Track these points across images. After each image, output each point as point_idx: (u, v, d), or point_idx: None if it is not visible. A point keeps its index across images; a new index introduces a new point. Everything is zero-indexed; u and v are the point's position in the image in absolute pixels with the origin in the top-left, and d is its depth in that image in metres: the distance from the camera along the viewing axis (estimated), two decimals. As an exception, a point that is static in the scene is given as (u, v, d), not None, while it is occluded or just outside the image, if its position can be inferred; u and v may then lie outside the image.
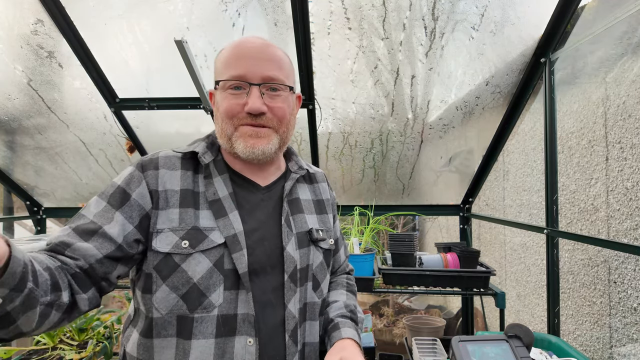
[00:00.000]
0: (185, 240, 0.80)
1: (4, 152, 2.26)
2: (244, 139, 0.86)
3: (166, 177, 0.84)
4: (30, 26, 1.64)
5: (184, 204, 0.83)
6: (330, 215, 1.05)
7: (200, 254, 0.80)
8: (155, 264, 0.80)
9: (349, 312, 0.99)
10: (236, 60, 0.86)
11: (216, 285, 0.80)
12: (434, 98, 1.88)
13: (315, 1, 1.53)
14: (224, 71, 0.87)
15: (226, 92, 0.86)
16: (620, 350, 1.61)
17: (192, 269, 0.79)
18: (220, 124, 0.88)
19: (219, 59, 0.90)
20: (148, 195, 0.82)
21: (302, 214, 0.96)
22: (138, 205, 0.81)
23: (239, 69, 0.85)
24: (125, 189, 0.82)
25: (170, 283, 0.79)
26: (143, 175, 0.83)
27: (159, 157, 0.87)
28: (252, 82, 0.85)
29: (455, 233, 2.93)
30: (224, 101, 0.86)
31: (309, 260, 0.93)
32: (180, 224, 0.81)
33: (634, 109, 1.54)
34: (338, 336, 0.90)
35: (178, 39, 1.57)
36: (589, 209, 1.81)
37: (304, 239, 0.93)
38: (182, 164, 0.87)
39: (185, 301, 0.79)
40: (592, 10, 1.59)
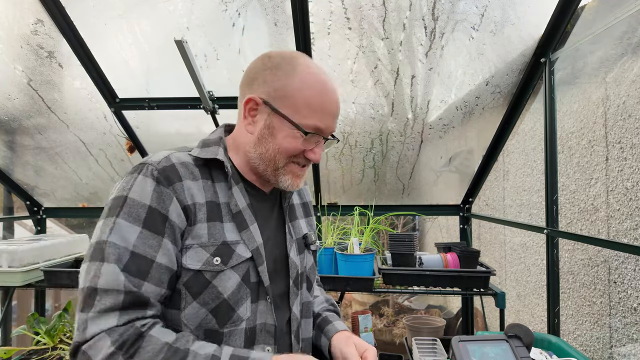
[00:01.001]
0: (217, 257, 0.78)
1: (4, 152, 2.26)
2: (293, 177, 0.87)
3: (192, 190, 0.79)
4: (30, 26, 1.64)
5: (210, 218, 0.80)
6: (313, 217, 1.10)
7: (230, 270, 0.79)
8: (184, 280, 0.77)
9: (331, 306, 1.09)
10: (323, 114, 0.83)
11: (244, 299, 0.81)
12: (434, 98, 1.88)
13: (315, 1, 1.53)
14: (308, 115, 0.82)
15: (297, 133, 0.82)
16: (620, 350, 1.61)
17: (223, 285, 0.78)
18: (271, 152, 0.84)
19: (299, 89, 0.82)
20: (183, 214, 0.77)
21: (297, 220, 1.00)
22: (177, 227, 0.76)
23: (323, 123, 0.84)
24: (159, 209, 0.74)
25: (200, 300, 0.77)
26: (171, 191, 0.76)
27: (175, 164, 0.79)
28: (325, 137, 0.87)
29: (455, 233, 2.93)
30: (291, 139, 0.83)
31: (304, 264, 0.97)
32: (210, 239, 0.79)
33: (634, 109, 1.54)
34: (334, 329, 0.97)
35: (178, 39, 1.57)
36: (589, 209, 1.81)
37: (301, 244, 0.97)
38: (201, 173, 0.83)
39: (214, 316, 0.78)
40: (592, 10, 1.59)
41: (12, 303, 2.41)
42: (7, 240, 2.11)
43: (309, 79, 0.82)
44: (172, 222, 0.75)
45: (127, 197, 0.74)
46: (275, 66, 0.83)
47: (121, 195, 0.75)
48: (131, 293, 0.69)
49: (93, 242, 0.73)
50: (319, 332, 1.00)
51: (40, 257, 1.97)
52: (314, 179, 2.29)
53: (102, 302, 0.68)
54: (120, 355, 0.65)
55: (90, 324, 0.67)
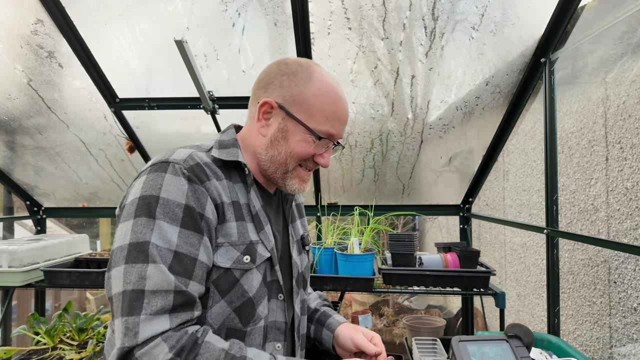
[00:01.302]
0: (247, 256, 0.80)
1: (4, 152, 2.26)
2: (299, 181, 0.89)
3: (220, 189, 0.80)
4: (30, 26, 1.64)
5: (238, 217, 0.82)
6: (305, 218, 1.13)
7: (256, 269, 0.82)
8: (214, 278, 0.77)
9: (325, 301, 1.15)
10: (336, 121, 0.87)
11: (262, 297, 0.83)
12: (434, 98, 1.88)
13: (315, 1, 1.53)
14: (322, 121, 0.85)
15: (309, 137, 0.85)
16: (620, 350, 1.61)
17: (249, 283, 0.80)
18: (283, 155, 0.86)
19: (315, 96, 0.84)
20: (215, 211, 0.78)
21: (295, 222, 1.04)
22: (212, 224, 0.78)
23: (335, 130, 0.87)
24: (195, 207, 0.74)
25: (228, 298, 0.78)
26: (204, 188, 0.77)
27: (200, 163, 0.79)
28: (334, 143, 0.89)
29: (455, 233, 2.93)
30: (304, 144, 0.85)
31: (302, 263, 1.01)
32: (240, 238, 0.81)
33: (634, 109, 1.54)
34: (336, 322, 1.03)
35: (178, 39, 1.57)
36: (589, 209, 1.81)
37: (299, 245, 1.01)
38: (224, 173, 0.84)
39: (238, 314, 0.80)
40: (592, 10, 1.59)
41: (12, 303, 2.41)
42: (7, 240, 2.11)
43: (324, 87, 0.85)
44: (208, 220, 0.76)
45: (159, 197, 0.72)
46: (293, 73, 0.86)
47: (151, 194, 0.72)
48: (181, 293, 0.69)
49: (125, 244, 0.70)
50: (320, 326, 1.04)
51: (40, 257, 1.97)
52: (314, 179, 2.29)
53: (151, 305, 0.67)
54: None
55: (142, 327, 0.65)
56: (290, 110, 0.84)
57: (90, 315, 1.99)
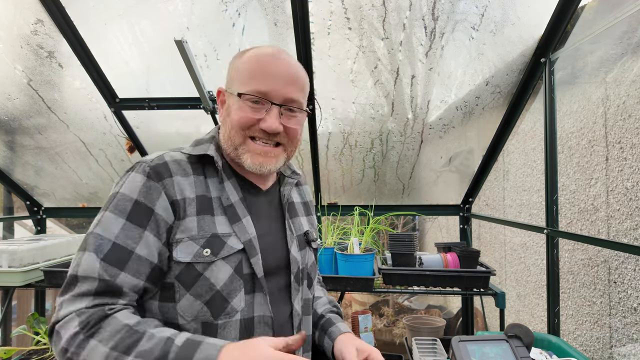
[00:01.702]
0: (206, 249, 0.80)
1: (4, 152, 2.26)
2: (252, 156, 0.86)
3: (182, 185, 0.81)
4: (30, 26, 1.64)
5: (200, 211, 0.82)
6: (314, 216, 1.11)
7: (221, 261, 0.81)
8: (176, 274, 0.79)
9: (334, 308, 1.10)
10: (263, 76, 0.83)
11: (237, 290, 0.82)
12: (434, 98, 1.88)
13: (315, 1, 1.53)
14: (248, 82, 0.84)
15: (244, 103, 0.84)
16: (620, 350, 1.61)
17: (215, 276, 0.79)
18: (228, 131, 0.87)
19: (244, 63, 0.86)
20: (170, 208, 0.79)
21: (298, 217, 1.01)
22: (163, 220, 0.78)
23: (265, 85, 0.83)
24: (145, 203, 0.77)
25: (194, 292, 0.79)
26: (160, 185, 0.79)
27: (167, 161, 0.82)
28: (274, 102, 0.84)
29: (455, 233, 2.93)
30: (239, 111, 0.84)
31: (305, 260, 0.98)
32: (200, 232, 0.80)
33: (634, 109, 1.54)
34: (337, 331, 0.99)
35: (178, 39, 1.57)
36: (589, 209, 1.81)
37: (302, 240, 0.99)
38: (193, 169, 0.85)
39: (209, 307, 0.79)
40: (592, 10, 1.59)
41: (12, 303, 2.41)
42: (7, 240, 2.11)
43: (252, 54, 0.87)
44: (157, 216, 0.78)
45: (118, 192, 0.79)
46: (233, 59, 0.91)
47: (114, 191, 0.80)
48: (104, 281, 0.73)
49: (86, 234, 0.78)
50: (323, 334, 1.01)
51: (40, 257, 1.97)
52: (314, 179, 2.30)
53: (78, 288, 0.73)
54: (82, 334, 0.68)
55: (64, 306, 0.72)
56: (229, 88, 0.88)
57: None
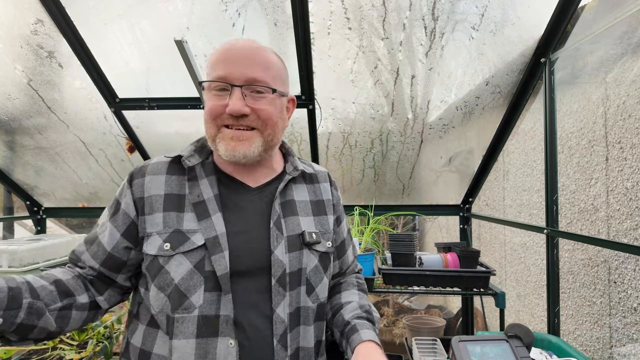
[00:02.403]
0: (167, 243, 0.83)
1: (4, 152, 2.26)
2: (226, 141, 0.85)
3: (151, 184, 0.88)
4: (30, 26, 1.64)
5: (167, 208, 0.86)
6: (330, 216, 1.00)
7: (181, 256, 0.81)
8: (146, 265, 0.85)
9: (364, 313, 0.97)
10: (222, 62, 0.85)
11: (197, 286, 0.81)
12: (434, 98, 1.88)
13: (315, 1, 1.53)
14: (210, 72, 0.87)
15: (211, 93, 0.86)
16: (620, 350, 1.61)
17: (174, 270, 0.81)
18: (205, 125, 0.89)
19: (209, 59, 0.90)
20: (132, 204, 0.88)
21: (295, 216, 0.93)
22: (124, 214, 0.88)
23: (223, 70, 0.84)
24: (118, 199, 0.90)
25: (157, 283, 0.83)
26: (129, 185, 0.89)
27: (149, 164, 0.91)
28: (233, 84, 0.83)
29: (455, 233, 2.93)
30: (208, 102, 0.87)
31: (301, 264, 0.89)
32: (164, 227, 0.84)
33: (634, 109, 1.54)
34: (358, 339, 0.87)
35: (178, 39, 1.57)
36: (589, 209, 1.81)
37: (295, 242, 0.90)
38: (168, 169, 0.90)
39: (171, 301, 0.81)
40: (592, 10, 1.59)
41: (12, 303, 2.41)
42: (7, 240, 2.11)
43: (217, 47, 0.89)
44: (120, 210, 0.88)
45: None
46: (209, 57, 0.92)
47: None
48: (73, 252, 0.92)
49: None
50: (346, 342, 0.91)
51: (40, 257, 1.97)
52: (314, 179, 2.29)
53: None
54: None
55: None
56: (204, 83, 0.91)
57: (90, 315, 1.99)
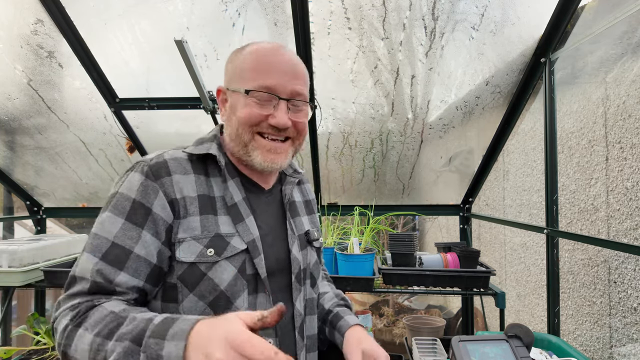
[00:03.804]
0: (210, 249, 0.79)
1: (4, 152, 2.26)
2: (263, 152, 0.85)
3: (182, 183, 0.81)
4: (30, 26, 1.64)
5: (203, 211, 0.81)
6: (316, 215, 1.10)
7: (225, 261, 0.80)
8: (179, 274, 0.78)
9: (341, 300, 1.08)
10: (267, 71, 0.83)
11: (241, 290, 0.81)
12: (434, 98, 1.88)
13: (315, 1, 1.53)
14: (253, 77, 0.83)
15: (250, 100, 0.83)
16: (620, 350, 1.61)
17: (219, 276, 0.79)
18: (235, 128, 0.85)
19: (244, 59, 0.86)
20: (168, 206, 0.78)
21: (299, 217, 1.00)
22: (161, 219, 0.77)
23: (270, 80, 0.83)
24: (142, 202, 0.77)
25: (197, 292, 0.78)
26: (157, 185, 0.78)
27: (166, 160, 0.82)
28: (281, 97, 0.84)
29: (455, 233, 2.93)
30: (245, 108, 0.83)
31: (307, 260, 0.97)
32: (203, 231, 0.80)
33: (634, 109, 1.54)
34: (346, 325, 0.98)
35: (178, 39, 1.57)
36: (589, 209, 1.81)
37: (303, 240, 0.98)
38: (194, 168, 0.84)
39: (213, 309, 0.79)
40: (592, 10, 1.59)
41: (12, 303, 2.41)
42: (7, 240, 2.11)
43: (252, 49, 0.86)
44: (155, 215, 0.77)
45: (117, 192, 0.79)
46: (232, 56, 0.90)
47: (114, 191, 0.80)
48: (96, 283, 0.73)
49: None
50: (332, 329, 1.01)
51: (40, 257, 1.97)
52: (314, 179, 2.29)
53: (74, 287, 0.74)
54: (71, 325, 0.69)
55: (61, 305, 0.73)
56: (231, 86, 0.87)
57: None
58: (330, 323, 1.02)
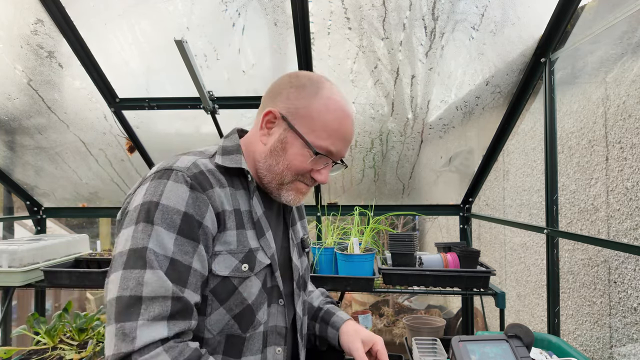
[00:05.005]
0: (245, 264, 0.80)
1: (4, 152, 2.26)
2: (296, 194, 0.88)
3: (222, 197, 0.80)
4: (30, 26, 1.64)
5: (238, 225, 0.82)
6: (306, 219, 1.13)
7: (254, 276, 0.82)
8: (212, 287, 0.77)
9: (327, 298, 1.16)
10: (338, 138, 0.85)
11: (262, 303, 0.84)
12: (434, 98, 1.88)
13: (315, 1, 1.53)
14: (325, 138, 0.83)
15: (306, 150, 0.83)
16: (620, 350, 1.61)
17: (248, 291, 0.80)
18: (281, 168, 0.85)
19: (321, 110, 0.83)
20: (215, 220, 0.78)
21: (296, 225, 1.04)
22: (210, 233, 0.77)
23: (336, 147, 0.85)
24: (194, 215, 0.74)
25: (227, 306, 0.79)
26: (206, 197, 0.77)
27: (204, 171, 0.79)
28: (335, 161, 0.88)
29: (455, 233, 2.93)
30: (301, 157, 0.84)
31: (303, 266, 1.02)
32: (239, 246, 0.80)
33: (634, 109, 1.54)
34: (340, 320, 1.03)
35: (178, 39, 1.57)
36: (589, 209, 1.81)
37: (299, 248, 1.02)
38: (227, 181, 0.84)
39: (237, 321, 0.80)
40: (592, 10, 1.59)
41: (12, 303, 2.41)
42: (7, 240, 2.11)
43: (331, 104, 0.84)
44: (206, 228, 0.76)
45: (159, 203, 0.72)
46: (301, 85, 0.85)
47: (152, 200, 0.73)
48: (178, 299, 0.69)
49: (125, 250, 0.70)
50: (324, 325, 1.05)
51: (40, 257, 1.97)
52: (314, 179, 2.29)
53: (149, 311, 0.66)
54: None
55: (140, 333, 0.64)
56: (293, 122, 0.83)
57: (90, 315, 1.99)
58: (322, 319, 1.07)
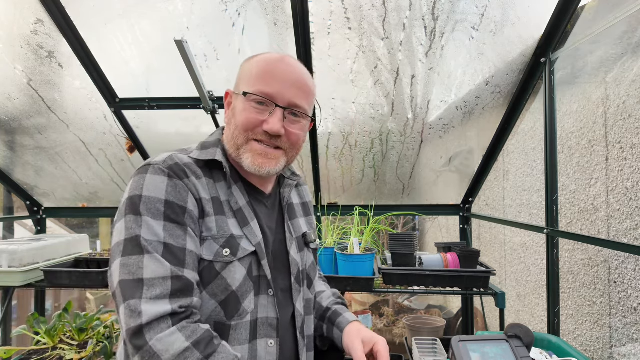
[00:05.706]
0: (226, 249, 0.81)
1: (4, 152, 2.26)
2: (253, 155, 0.86)
3: (199, 186, 0.83)
4: (30, 26, 1.64)
5: (217, 212, 0.84)
6: (313, 216, 1.13)
7: (238, 262, 0.82)
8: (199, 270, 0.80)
9: (338, 299, 1.12)
10: (269, 78, 0.85)
11: (248, 292, 0.84)
12: (434, 98, 1.88)
13: (315, 1, 1.53)
14: (254, 82, 0.85)
15: (249, 104, 0.85)
16: (620, 350, 1.61)
17: (232, 276, 0.81)
18: (232, 131, 0.88)
19: (252, 66, 0.88)
20: (196, 204, 0.81)
21: (297, 219, 1.03)
22: (195, 216, 0.80)
23: (270, 87, 0.84)
24: (175, 201, 0.77)
25: (210, 290, 0.80)
26: (184, 184, 0.79)
27: (179, 163, 0.82)
28: (277, 104, 0.85)
29: (455, 233, 2.93)
30: (244, 112, 0.85)
31: (305, 262, 1.00)
32: (219, 231, 0.82)
33: (634, 109, 1.54)
34: (345, 321, 1.01)
35: (178, 39, 1.57)
36: (589, 209, 1.81)
37: (300, 242, 1.00)
38: (204, 172, 0.86)
39: (223, 308, 0.81)
40: (592, 10, 1.59)
41: (12, 303, 2.41)
42: (7, 240, 2.11)
43: (262, 58, 0.88)
44: (190, 212, 0.79)
45: (142, 196, 0.76)
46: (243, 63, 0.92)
47: (135, 194, 0.76)
48: (178, 278, 0.72)
49: (121, 240, 0.74)
50: (331, 325, 1.04)
51: (40, 257, 1.97)
52: (314, 179, 2.29)
53: (150, 291, 0.70)
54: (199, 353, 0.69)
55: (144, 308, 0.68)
56: (236, 90, 0.90)
57: (90, 315, 1.99)
58: (329, 320, 1.05)
